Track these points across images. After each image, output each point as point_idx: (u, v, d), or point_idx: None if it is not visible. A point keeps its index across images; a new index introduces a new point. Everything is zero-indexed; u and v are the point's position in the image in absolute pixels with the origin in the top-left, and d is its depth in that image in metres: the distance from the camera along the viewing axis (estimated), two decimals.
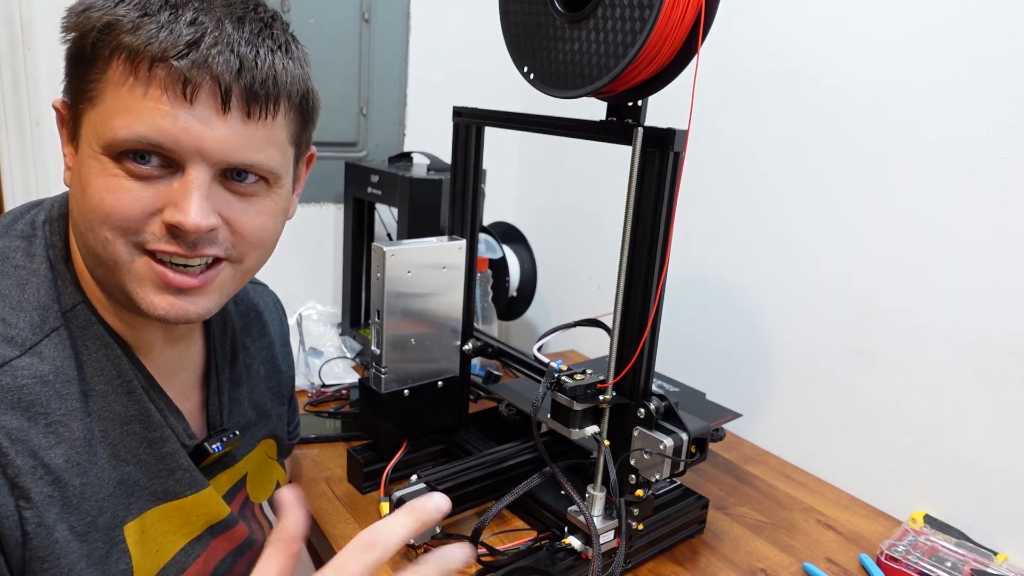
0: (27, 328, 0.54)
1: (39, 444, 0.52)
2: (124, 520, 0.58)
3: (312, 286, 1.50)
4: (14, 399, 0.51)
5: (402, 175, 1.23)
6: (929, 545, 0.87)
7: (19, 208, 0.62)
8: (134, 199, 0.52)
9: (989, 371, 0.90)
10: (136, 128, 0.51)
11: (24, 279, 0.56)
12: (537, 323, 1.70)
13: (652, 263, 0.73)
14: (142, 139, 0.51)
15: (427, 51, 1.51)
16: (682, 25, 0.63)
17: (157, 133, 0.51)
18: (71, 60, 0.54)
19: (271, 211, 0.59)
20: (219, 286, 0.59)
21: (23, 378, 0.52)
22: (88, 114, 0.53)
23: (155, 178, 0.53)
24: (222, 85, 0.52)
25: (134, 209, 0.53)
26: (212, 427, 0.70)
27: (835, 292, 1.06)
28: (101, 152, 0.52)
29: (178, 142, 0.52)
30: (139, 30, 0.50)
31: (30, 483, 0.51)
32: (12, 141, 1.18)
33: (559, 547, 0.80)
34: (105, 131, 0.52)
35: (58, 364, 0.54)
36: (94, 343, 0.57)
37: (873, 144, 0.99)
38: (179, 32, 0.51)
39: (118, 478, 0.58)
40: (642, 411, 0.75)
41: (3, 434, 0.50)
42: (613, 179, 1.43)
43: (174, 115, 0.51)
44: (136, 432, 0.59)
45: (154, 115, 0.51)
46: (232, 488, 0.71)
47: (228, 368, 0.72)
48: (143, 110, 0.51)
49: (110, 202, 0.52)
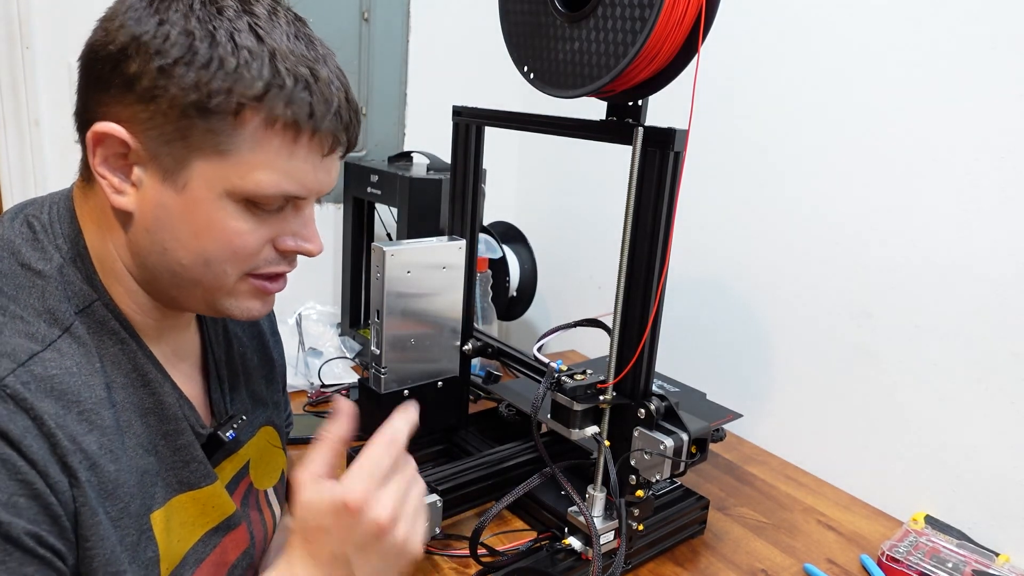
0: (43, 326, 0.55)
1: (76, 431, 0.52)
2: (151, 508, 0.59)
3: (312, 286, 1.49)
4: (47, 387, 0.52)
5: (402, 175, 1.23)
6: (930, 546, 0.87)
7: (12, 209, 0.62)
8: (256, 238, 0.57)
9: (989, 371, 0.90)
10: (283, 186, 0.55)
11: (31, 281, 0.56)
12: (537, 323, 1.70)
13: (652, 263, 0.73)
14: (286, 195, 0.56)
15: (427, 51, 1.51)
16: (682, 25, 0.63)
17: (300, 188, 0.56)
18: (187, 109, 0.52)
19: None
20: None
21: (52, 368, 0.53)
22: (212, 161, 0.54)
23: (271, 212, 0.58)
24: (346, 137, 0.58)
25: (255, 245, 0.57)
26: (217, 415, 0.70)
27: (835, 292, 1.06)
28: (226, 197, 0.55)
29: (311, 192, 0.58)
30: (293, 103, 0.53)
31: (76, 465, 0.51)
32: (11, 141, 1.18)
33: (559, 548, 0.80)
34: (244, 184, 0.54)
35: (78, 359, 0.55)
36: (110, 338, 0.58)
37: (874, 144, 0.99)
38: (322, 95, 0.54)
39: (143, 468, 0.59)
40: (642, 411, 0.75)
41: (48, 417, 0.50)
42: (613, 179, 1.43)
43: (315, 169, 0.57)
44: (153, 424, 0.60)
45: (302, 174, 0.56)
46: (236, 475, 0.72)
47: (224, 356, 0.73)
48: (291, 168, 0.55)
49: (238, 243, 0.56)
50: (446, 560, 0.80)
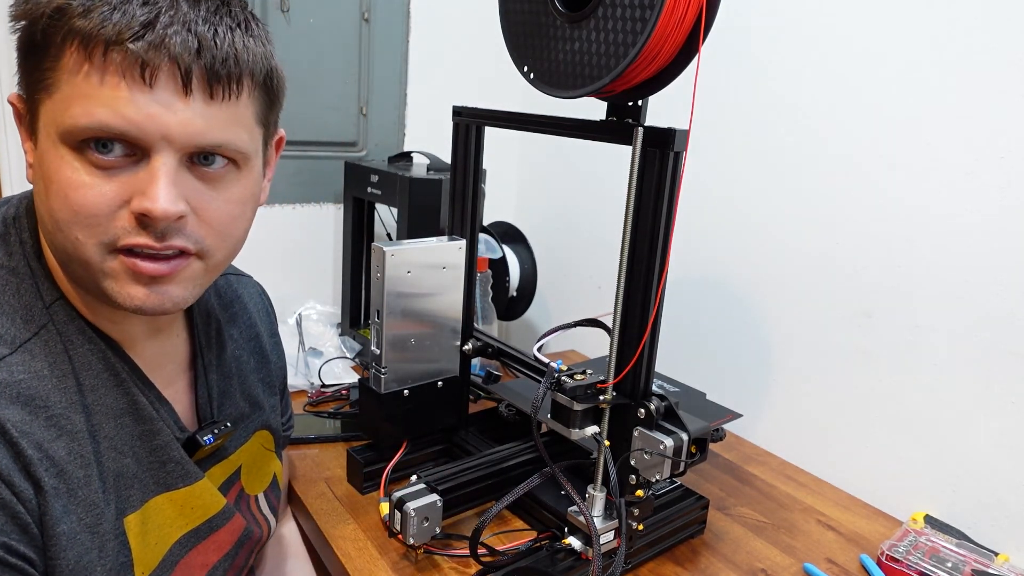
0: (13, 328, 0.54)
1: (43, 437, 0.51)
2: (124, 512, 0.58)
3: (312, 286, 1.49)
4: (13, 393, 0.51)
5: (402, 175, 1.23)
6: (930, 546, 0.87)
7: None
8: (100, 194, 0.51)
9: (989, 371, 0.90)
10: (97, 115, 0.49)
11: (4, 279, 0.55)
12: (537, 323, 1.70)
13: (652, 263, 0.73)
14: (103, 127, 0.49)
15: (427, 51, 1.51)
16: (683, 25, 0.63)
17: (119, 120, 0.49)
18: (23, 50, 0.52)
19: (240, 198, 0.58)
20: (189, 277, 0.57)
21: (19, 373, 0.52)
22: (45, 104, 0.51)
23: (119, 168, 0.51)
24: (182, 66, 0.50)
25: (101, 204, 0.51)
26: (202, 419, 0.69)
27: (835, 292, 1.06)
28: (60, 142, 0.50)
29: (141, 128, 0.50)
30: (91, 13, 0.48)
31: (40, 473, 0.51)
32: (12, 141, 1.18)
33: (559, 547, 0.80)
34: (63, 119, 0.50)
35: (51, 360, 0.54)
36: (78, 337, 0.57)
37: (874, 143, 0.99)
38: (132, 13, 0.49)
39: (117, 470, 0.58)
40: (642, 411, 0.75)
41: (11, 426, 0.50)
42: (613, 179, 1.43)
43: (134, 100, 0.49)
44: (127, 425, 0.59)
45: (114, 101, 0.49)
46: (227, 481, 0.71)
47: (215, 360, 0.72)
48: (102, 96, 0.49)
49: (76, 199, 0.50)
50: (446, 560, 0.80)
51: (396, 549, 0.82)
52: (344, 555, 0.80)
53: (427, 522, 0.79)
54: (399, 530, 0.79)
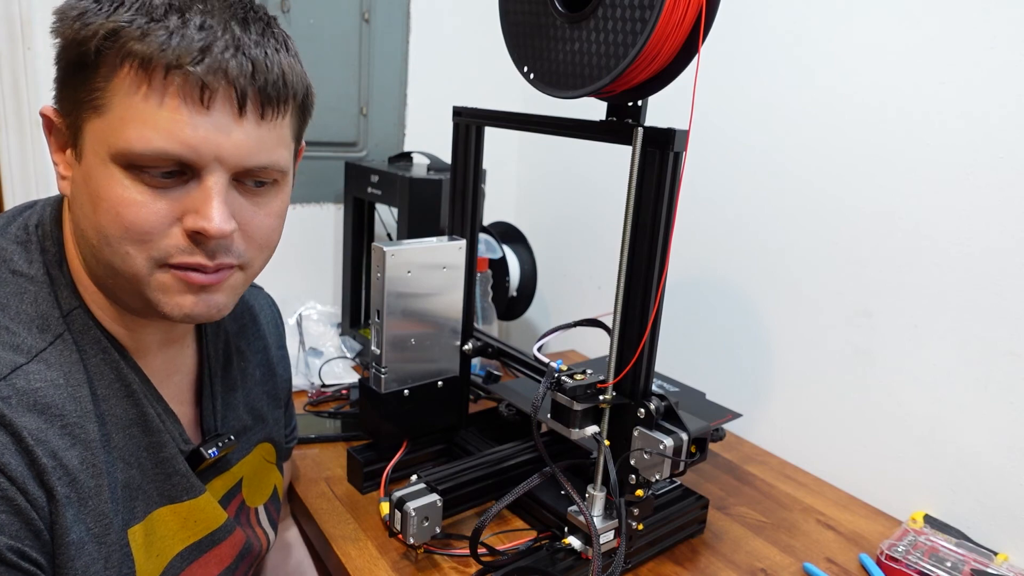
0: (30, 337, 0.54)
1: (57, 445, 0.52)
2: (129, 523, 0.58)
3: (312, 286, 1.50)
4: (30, 401, 0.51)
5: (402, 175, 1.23)
6: (929, 545, 0.87)
7: (10, 211, 0.61)
8: (153, 211, 0.52)
9: (989, 371, 0.90)
10: (153, 142, 0.50)
11: (22, 287, 0.56)
12: (537, 323, 1.70)
13: (652, 263, 0.73)
14: (160, 153, 0.50)
15: (427, 51, 1.52)
16: (682, 25, 0.63)
17: (176, 145, 0.50)
18: (69, 67, 0.52)
19: (278, 212, 0.60)
20: (232, 287, 0.59)
21: (36, 382, 0.52)
22: (93, 122, 0.52)
23: (170, 186, 0.52)
24: (238, 89, 0.51)
25: (154, 221, 0.52)
26: (206, 432, 0.69)
27: (835, 292, 1.06)
28: (111, 161, 0.51)
29: (197, 151, 0.51)
30: (148, 36, 0.49)
31: (54, 482, 0.51)
32: (12, 141, 1.18)
33: (559, 547, 0.80)
34: (117, 141, 0.50)
35: (66, 369, 0.54)
36: (92, 347, 0.57)
37: (873, 144, 0.99)
38: (191, 37, 0.50)
39: (125, 481, 0.58)
40: (642, 411, 0.75)
41: (27, 434, 0.50)
42: (613, 179, 1.43)
43: (192, 123, 0.51)
44: (136, 436, 0.59)
45: (172, 124, 0.50)
46: (227, 493, 0.71)
47: (222, 372, 0.72)
48: (159, 119, 0.50)
49: (128, 216, 0.51)
50: (446, 560, 0.80)
51: (396, 549, 0.82)
52: (344, 555, 0.80)
53: (427, 522, 0.79)
54: (399, 530, 0.79)
